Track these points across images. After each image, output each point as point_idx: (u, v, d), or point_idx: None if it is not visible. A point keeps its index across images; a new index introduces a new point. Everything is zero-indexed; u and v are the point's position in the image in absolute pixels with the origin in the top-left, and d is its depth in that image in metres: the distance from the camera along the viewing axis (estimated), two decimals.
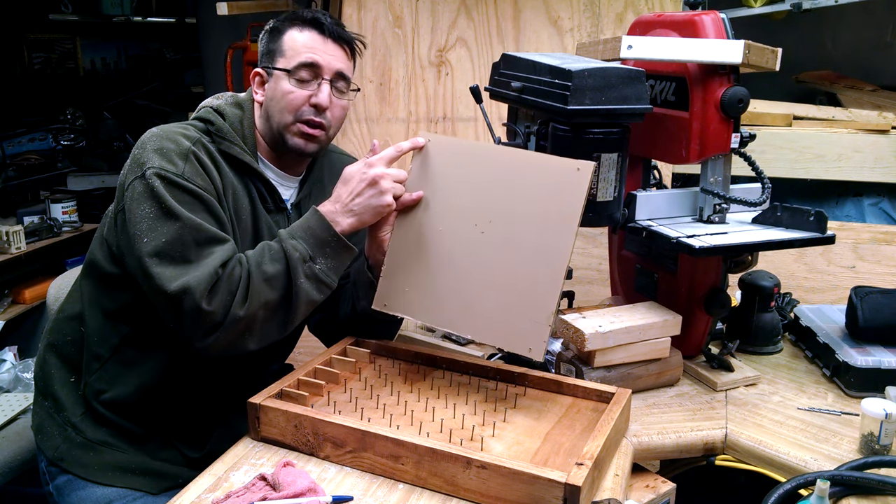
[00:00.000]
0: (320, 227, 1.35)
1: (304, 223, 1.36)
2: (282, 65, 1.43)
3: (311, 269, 1.33)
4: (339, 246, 1.36)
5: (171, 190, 1.30)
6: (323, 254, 1.35)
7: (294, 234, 1.35)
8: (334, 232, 1.35)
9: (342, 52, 1.47)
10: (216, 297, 1.26)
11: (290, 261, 1.31)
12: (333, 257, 1.36)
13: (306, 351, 1.77)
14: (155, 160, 1.31)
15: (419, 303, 1.38)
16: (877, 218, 2.62)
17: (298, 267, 1.32)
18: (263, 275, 1.30)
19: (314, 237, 1.34)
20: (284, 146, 1.46)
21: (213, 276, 1.26)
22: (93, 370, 1.44)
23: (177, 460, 1.46)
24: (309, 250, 1.33)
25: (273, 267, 1.31)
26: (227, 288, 1.27)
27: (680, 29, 1.52)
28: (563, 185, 1.26)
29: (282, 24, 1.47)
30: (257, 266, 1.31)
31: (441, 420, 1.24)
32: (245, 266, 1.30)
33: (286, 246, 1.32)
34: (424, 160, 1.41)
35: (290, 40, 1.44)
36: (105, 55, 5.04)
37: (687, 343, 1.60)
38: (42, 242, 3.24)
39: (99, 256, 1.43)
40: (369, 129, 2.49)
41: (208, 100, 1.50)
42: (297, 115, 1.43)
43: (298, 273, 1.31)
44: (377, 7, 2.45)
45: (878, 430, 1.28)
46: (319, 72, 1.43)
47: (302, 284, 1.32)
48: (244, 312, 1.27)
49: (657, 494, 1.32)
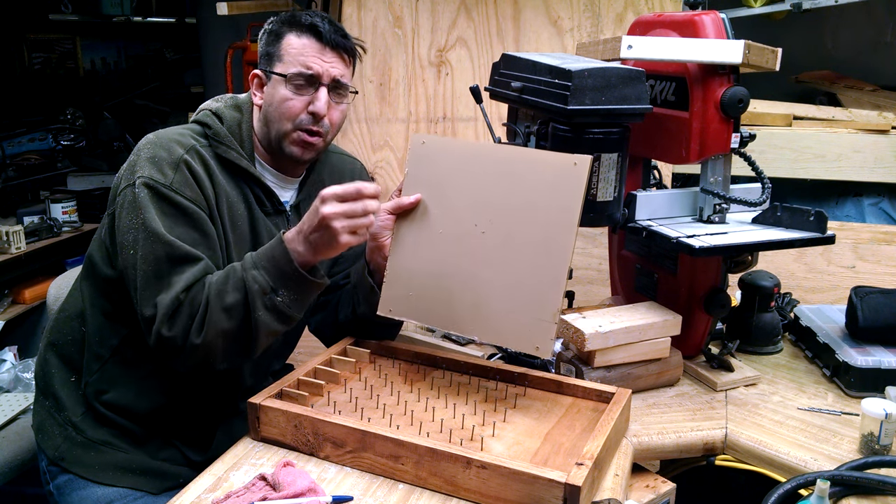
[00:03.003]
0: (283, 258, 1.28)
1: (268, 251, 1.30)
2: (279, 70, 1.42)
3: (271, 300, 1.28)
4: (300, 280, 1.29)
5: (156, 202, 1.31)
6: (285, 286, 1.28)
7: (257, 262, 1.29)
8: (295, 267, 1.27)
9: (340, 58, 1.44)
10: (176, 323, 1.27)
11: (249, 293, 1.26)
12: (297, 290, 1.30)
13: (306, 351, 1.77)
14: (146, 169, 1.33)
15: (423, 306, 1.38)
16: (877, 218, 2.63)
17: (257, 300, 1.27)
18: (222, 303, 1.27)
19: (277, 268, 1.28)
20: (282, 152, 1.45)
21: (174, 301, 1.27)
22: (93, 370, 1.44)
23: (177, 460, 1.46)
24: (270, 282, 1.27)
25: (233, 296, 1.27)
26: (188, 313, 1.27)
27: (680, 29, 1.52)
28: (562, 181, 1.26)
29: (280, 27, 1.45)
30: (217, 295, 1.27)
31: (441, 420, 1.24)
32: (206, 292, 1.28)
33: (246, 277, 1.27)
34: (420, 162, 1.40)
35: (287, 45, 1.42)
36: (105, 55, 5.04)
37: (687, 343, 1.60)
38: (42, 242, 3.24)
39: (97, 258, 1.44)
40: (369, 129, 2.48)
41: (208, 102, 1.50)
42: (296, 124, 1.42)
43: (257, 305, 1.27)
44: (377, 7, 2.45)
45: (878, 430, 1.28)
46: (317, 79, 1.42)
47: (261, 317, 1.27)
48: (200, 340, 1.26)
49: (657, 494, 1.32)
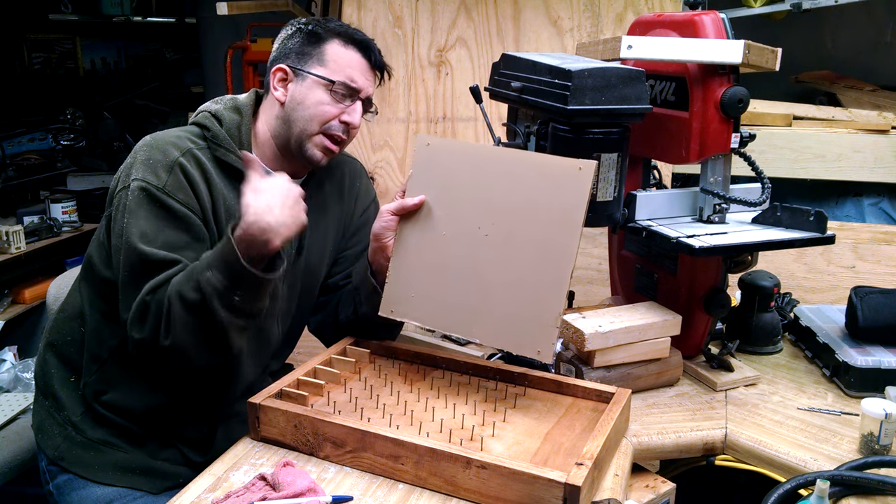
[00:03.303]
0: (231, 256, 1.22)
1: (219, 249, 1.24)
2: (323, 73, 1.41)
3: (229, 301, 1.23)
4: (254, 279, 1.23)
5: (147, 205, 1.31)
6: (239, 286, 1.23)
7: (211, 263, 1.24)
8: (244, 265, 1.21)
9: (375, 79, 1.49)
10: (145, 325, 1.26)
11: (206, 296, 1.22)
12: (250, 288, 1.24)
13: (306, 351, 1.77)
14: (140, 171, 1.33)
15: (425, 308, 1.38)
16: (877, 218, 2.63)
17: (214, 300, 1.22)
18: (183, 302, 1.23)
19: (228, 268, 1.22)
20: (301, 153, 1.43)
21: (140, 303, 1.27)
22: (92, 371, 1.44)
23: (177, 460, 1.46)
24: (225, 282, 1.22)
25: (192, 296, 1.23)
26: (156, 315, 1.26)
27: (680, 29, 1.52)
28: (566, 186, 1.26)
29: (324, 32, 1.44)
30: (177, 295, 1.24)
31: (441, 420, 1.24)
32: (167, 293, 1.25)
33: (201, 279, 1.22)
34: (425, 164, 1.40)
35: (334, 52, 1.42)
36: (105, 55, 5.05)
37: (687, 343, 1.60)
38: (42, 242, 3.24)
39: (96, 259, 1.43)
40: (369, 129, 2.48)
41: (207, 104, 1.48)
42: (326, 128, 1.42)
43: (216, 307, 1.23)
44: (377, 7, 2.45)
45: (878, 430, 1.28)
46: (357, 93, 1.44)
47: (224, 317, 1.24)
48: (169, 342, 1.25)
49: (657, 494, 1.32)
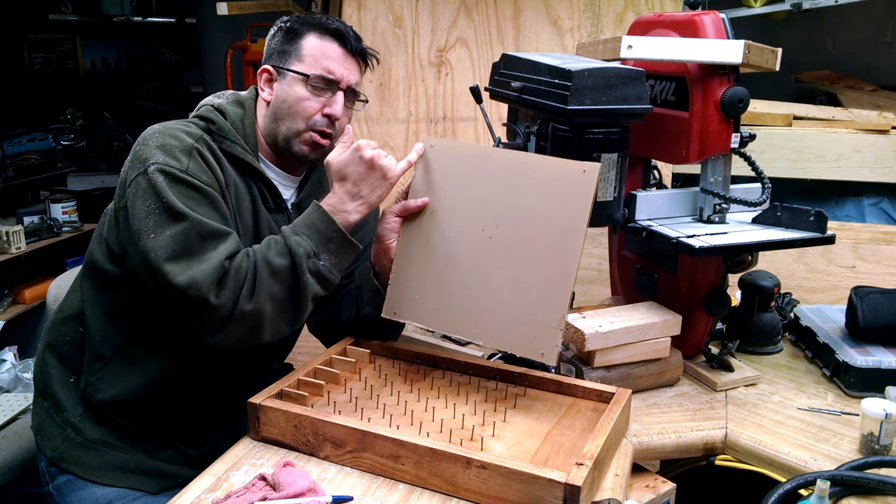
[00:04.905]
0: (324, 222, 1.34)
1: (306, 219, 1.35)
2: (299, 69, 1.42)
3: (315, 265, 1.32)
4: (343, 241, 1.35)
5: (174, 186, 1.29)
6: (327, 250, 1.33)
7: (297, 230, 1.33)
8: (338, 227, 1.33)
9: (358, 66, 1.48)
10: (224, 290, 1.25)
11: (295, 256, 1.30)
12: (337, 253, 1.35)
13: (306, 351, 1.77)
14: (158, 156, 1.30)
15: (429, 310, 1.38)
16: (877, 218, 2.63)
17: (303, 262, 1.30)
18: (270, 268, 1.29)
19: (318, 233, 1.33)
20: (289, 151, 1.45)
21: (219, 269, 1.25)
22: (95, 370, 1.43)
23: (177, 460, 1.46)
24: (313, 246, 1.32)
25: (280, 261, 1.29)
26: (235, 281, 1.26)
27: (680, 29, 1.52)
28: (570, 188, 1.26)
29: (300, 27, 1.45)
30: (264, 260, 1.29)
31: (441, 420, 1.24)
32: (252, 259, 1.30)
33: (290, 242, 1.31)
34: (428, 165, 1.40)
35: (309, 46, 1.43)
36: (105, 55, 5.04)
37: (687, 343, 1.60)
38: (42, 242, 3.24)
39: (98, 256, 1.43)
40: (369, 129, 2.48)
41: (209, 98, 1.49)
42: (310, 124, 1.43)
43: (304, 268, 1.30)
44: (377, 7, 2.45)
45: (878, 430, 1.28)
46: (336, 84, 1.44)
47: (307, 280, 1.31)
48: (252, 306, 1.27)
49: (657, 494, 1.32)
